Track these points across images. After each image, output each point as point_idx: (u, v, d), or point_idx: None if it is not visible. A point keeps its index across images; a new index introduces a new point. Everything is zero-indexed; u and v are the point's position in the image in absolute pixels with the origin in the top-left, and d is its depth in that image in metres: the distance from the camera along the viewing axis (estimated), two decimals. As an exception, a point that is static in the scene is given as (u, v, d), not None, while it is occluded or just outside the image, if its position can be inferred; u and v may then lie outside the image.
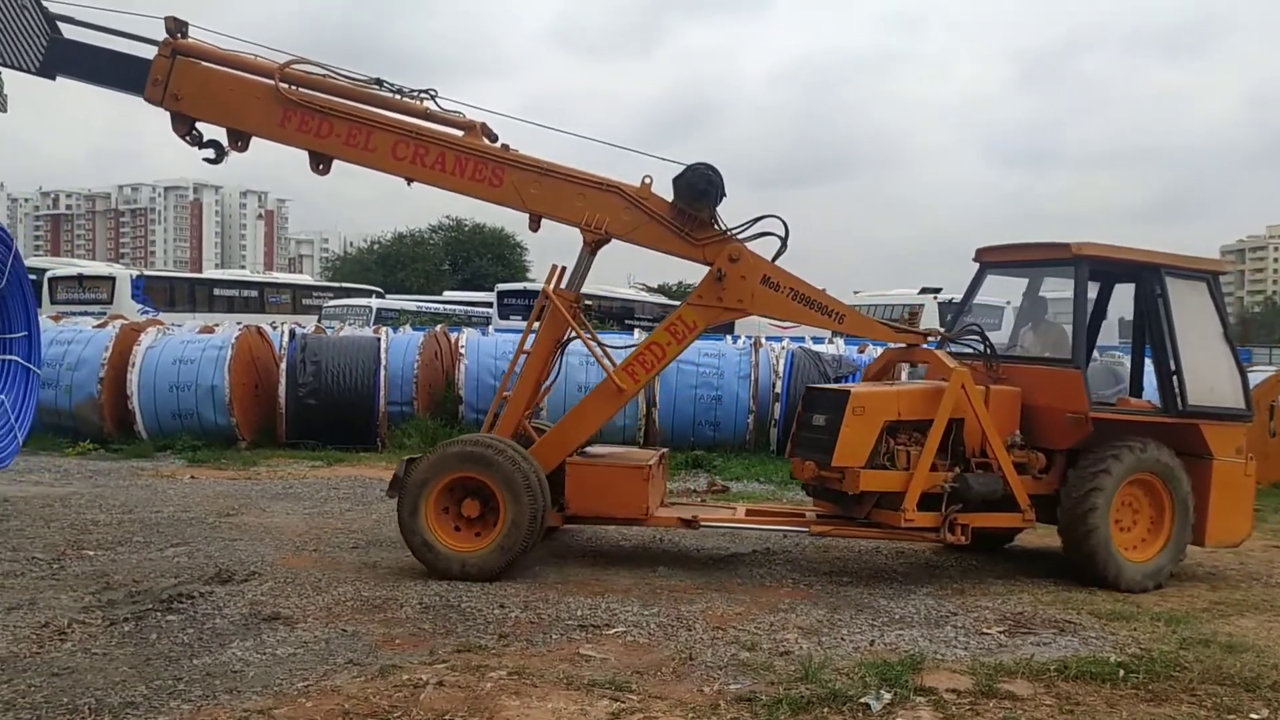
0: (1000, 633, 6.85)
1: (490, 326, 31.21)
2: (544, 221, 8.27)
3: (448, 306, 43.63)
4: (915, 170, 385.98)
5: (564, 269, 8.65)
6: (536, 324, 8.51)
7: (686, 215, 8.07)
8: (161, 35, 7.97)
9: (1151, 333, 8.60)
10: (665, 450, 9.59)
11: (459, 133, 8.14)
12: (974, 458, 8.19)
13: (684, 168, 7.98)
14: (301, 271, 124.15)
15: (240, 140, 8.14)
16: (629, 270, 52.32)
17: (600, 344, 8.90)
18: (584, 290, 8.56)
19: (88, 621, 6.35)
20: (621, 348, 8.75)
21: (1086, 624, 7.13)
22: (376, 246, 71.32)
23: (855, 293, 34.46)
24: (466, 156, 8.03)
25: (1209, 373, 8.47)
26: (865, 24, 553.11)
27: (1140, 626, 7.10)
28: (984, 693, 5.60)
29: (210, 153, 8.25)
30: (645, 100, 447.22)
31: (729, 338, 19.11)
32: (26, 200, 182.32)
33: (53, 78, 8.16)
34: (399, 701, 5.17)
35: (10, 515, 9.56)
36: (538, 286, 31.27)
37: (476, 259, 65.26)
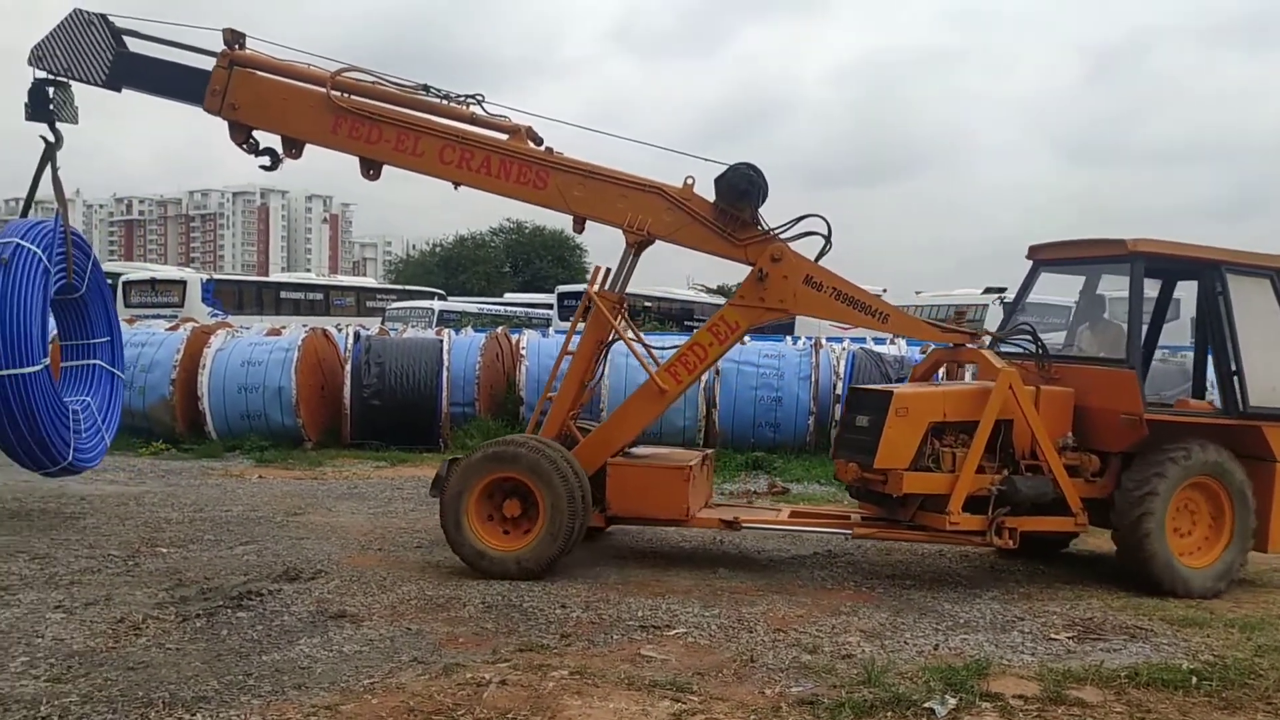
0: (1069, 638, 6.73)
1: (550, 328, 31.35)
2: (601, 224, 8.32)
3: (508, 308, 43.94)
4: (981, 169, 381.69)
5: (609, 270, 8.73)
6: (582, 325, 8.60)
7: (728, 215, 8.07)
8: (220, 47, 8.20)
9: (1211, 331, 8.35)
10: (710, 451, 9.54)
11: (504, 136, 8.25)
12: (1024, 460, 8.02)
13: (726, 168, 7.98)
14: (365, 274, 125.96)
15: (294, 148, 8.35)
16: (688, 272, 52.35)
17: (645, 345, 8.95)
18: (646, 292, 8.62)
19: (161, 617, 6.51)
20: (669, 348, 8.75)
21: (1158, 630, 6.98)
22: (438, 249, 72.09)
23: (917, 293, 33.91)
24: (511, 160, 8.13)
25: (1272, 373, 8.19)
26: (928, 21, 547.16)
27: (1214, 633, 6.93)
28: (1052, 699, 5.51)
29: (266, 160, 8.51)
30: (707, 101, 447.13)
31: (789, 338, 19.00)
32: (101, 206, 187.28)
33: (119, 90, 8.49)
34: (462, 700, 5.22)
35: (87, 513, 9.84)
36: (598, 288, 31.44)
37: (537, 261, 65.63)
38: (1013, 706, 5.39)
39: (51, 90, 8.66)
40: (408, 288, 50.05)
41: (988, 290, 29.61)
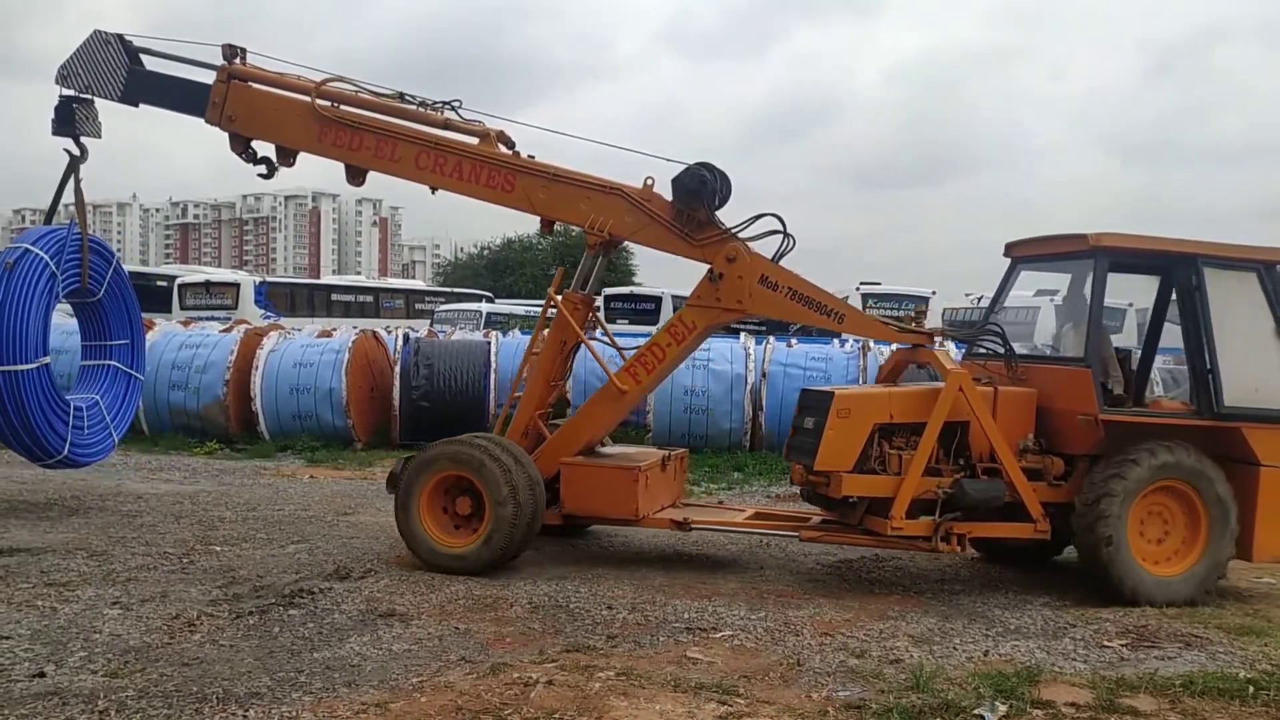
0: (1122, 646, 6.62)
1: (597, 330, 31.28)
2: (567, 225, 8.53)
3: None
4: (1037, 168, 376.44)
5: (577, 272, 8.94)
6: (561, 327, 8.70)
7: (686, 216, 8.10)
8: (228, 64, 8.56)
9: (1186, 327, 7.98)
10: (681, 451, 9.44)
11: (476, 141, 8.43)
12: (981, 463, 7.81)
13: (683, 168, 8.01)
14: (414, 277, 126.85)
15: (287, 156, 8.70)
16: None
17: (618, 347, 9.11)
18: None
19: (215, 614, 6.62)
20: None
21: (1214, 638, 6.84)
22: (486, 252, 72.40)
23: (966, 295, 33.56)
24: (480, 164, 8.35)
25: (1255, 371, 7.77)
26: (982, 19, 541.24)
27: (1272, 641, 6.78)
28: (1105, 707, 5.43)
29: (263, 169, 8.85)
30: (758, 102, 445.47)
31: (836, 341, 18.84)
32: (158, 210, 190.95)
33: (135, 105, 8.96)
34: (510, 699, 5.25)
35: (143, 512, 10.03)
36: (644, 291, 31.45)
37: (584, 263, 65.70)
38: (1064, 714, 5.32)
39: (75, 106, 9.08)
40: (456, 290, 50.36)
41: (1039, 293, 29.14)
